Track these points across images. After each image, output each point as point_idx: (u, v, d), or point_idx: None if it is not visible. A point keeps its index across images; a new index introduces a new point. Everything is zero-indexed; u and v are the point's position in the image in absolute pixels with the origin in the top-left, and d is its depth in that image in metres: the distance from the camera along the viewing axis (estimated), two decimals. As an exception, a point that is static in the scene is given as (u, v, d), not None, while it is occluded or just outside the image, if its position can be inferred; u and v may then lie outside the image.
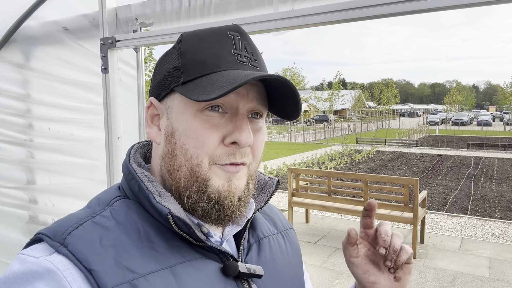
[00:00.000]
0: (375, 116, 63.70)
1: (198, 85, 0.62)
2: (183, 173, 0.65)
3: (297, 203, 6.52)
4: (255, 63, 0.67)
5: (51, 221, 2.23)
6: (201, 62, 0.64)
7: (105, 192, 0.72)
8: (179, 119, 0.66)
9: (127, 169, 0.69)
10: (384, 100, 57.26)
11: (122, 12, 1.71)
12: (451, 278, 4.94)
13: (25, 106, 2.20)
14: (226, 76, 0.61)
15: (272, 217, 0.89)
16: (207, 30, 0.68)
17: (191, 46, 0.66)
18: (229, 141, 0.63)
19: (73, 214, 0.65)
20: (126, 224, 0.63)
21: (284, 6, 1.33)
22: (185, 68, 0.65)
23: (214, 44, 0.65)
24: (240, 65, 0.65)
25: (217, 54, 0.64)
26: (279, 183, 0.81)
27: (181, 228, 0.63)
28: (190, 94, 0.61)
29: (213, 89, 0.60)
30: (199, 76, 0.64)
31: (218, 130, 0.64)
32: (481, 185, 11.09)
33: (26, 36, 2.09)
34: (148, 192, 0.64)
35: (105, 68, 1.68)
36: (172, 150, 0.67)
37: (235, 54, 0.65)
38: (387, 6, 1.11)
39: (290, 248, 0.86)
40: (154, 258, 0.61)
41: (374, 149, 20.47)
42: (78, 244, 0.59)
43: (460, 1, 1.03)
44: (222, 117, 0.64)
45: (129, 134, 1.83)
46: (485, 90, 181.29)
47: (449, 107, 66.59)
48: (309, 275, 4.90)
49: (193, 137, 0.64)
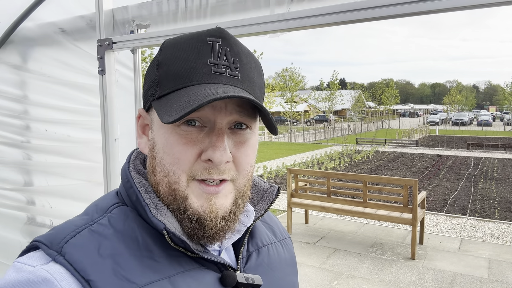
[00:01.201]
0: (375, 116, 63.70)
1: (168, 102, 0.61)
2: (163, 189, 0.64)
3: (296, 204, 6.52)
4: (234, 72, 0.63)
5: (49, 222, 2.23)
6: (175, 74, 0.62)
7: (103, 199, 0.71)
8: (158, 133, 0.65)
9: (125, 177, 0.68)
10: (385, 100, 57.27)
11: (119, 14, 1.70)
12: (450, 279, 4.93)
13: (22, 107, 2.20)
14: (192, 94, 0.59)
15: (271, 225, 0.88)
16: (187, 36, 0.65)
17: (168, 56, 0.64)
18: (204, 158, 0.61)
19: (70, 221, 0.64)
20: (124, 233, 0.62)
21: (280, 8, 1.33)
22: (161, 81, 0.64)
23: (190, 53, 0.62)
24: (214, 77, 0.61)
25: (191, 65, 0.62)
26: (279, 191, 0.79)
27: (177, 243, 0.62)
28: (159, 111, 0.60)
29: (176, 109, 0.58)
30: (172, 91, 0.62)
31: (194, 146, 0.61)
32: (481, 185, 11.09)
33: (24, 37, 2.09)
34: (144, 204, 0.63)
35: (102, 69, 1.68)
36: (153, 163, 0.66)
37: (211, 64, 0.62)
38: (384, 8, 1.10)
39: (288, 257, 0.85)
40: (152, 268, 0.60)
41: (374, 149, 20.46)
42: (75, 253, 0.58)
43: (460, 3, 1.03)
44: (200, 132, 0.62)
45: (126, 136, 1.82)
46: (485, 90, 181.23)
47: (449, 107, 66.62)
48: (308, 276, 4.88)
49: (170, 153, 0.62)
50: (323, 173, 6.36)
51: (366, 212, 5.90)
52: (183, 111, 0.56)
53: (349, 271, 5.17)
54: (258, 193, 0.79)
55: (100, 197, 0.72)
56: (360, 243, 6.21)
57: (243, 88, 0.64)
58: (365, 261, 5.51)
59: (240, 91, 0.61)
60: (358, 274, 5.09)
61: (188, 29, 1.42)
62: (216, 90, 0.59)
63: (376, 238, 6.44)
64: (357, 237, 6.50)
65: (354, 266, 5.34)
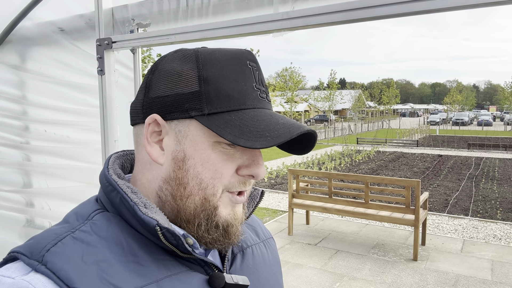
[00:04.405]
0: (375, 116, 63.67)
1: (229, 123, 0.61)
2: (194, 201, 0.65)
3: (297, 205, 6.49)
4: (268, 97, 0.68)
5: (48, 224, 2.20)
6: (227, 95, 0.63)
7: (82, 206, 0.68)
8: (195, 147, 0.64)
9: (106, 181, 0.66)
10: (385, 100, 57.24)
11: (118, 13, 1.67)
12: (453, 281, 4.89)
13: (21, 108, 2.17)
14: (259, 119, 0.62)
15: (253, 226, 0.88)
16: (225, 54, 0.65)
17: (215, 73, 0.63)
18: (245, 173, 0.65)
19: (50, 230, 0.62)
20: (108, 239, 0.60)
21: (284, 7, 1.29)
22: (209, 98, 0.62)
23: (238, 75, 0.64)
24: (261, 102, 0.66)
25: (242, 88, 0.63)
26: (263, 194, 0.81)
27: (169, 240, 0.61)
28: (222, 132, 0.61)
29: (252, 134, 0.60)
30: (226, 111, 0.63)
31: (233, 162, 0.65)
32: (482, 186, 11.05)
33: (22, 36, 2.06)
34: (132, 204, 0.61)
35: (101, 69, 1.64)
36: (183, 177, 0.65)
37: (256, 89, 0.65)
38: (390, 6, 1.07)
39: (272, 257, 0.86)
40: (139, 273, 0.59)
41: (374, 149, 20.43)
42: (58, 261, 0.55)
43: (464, 2, 1.00)
44: (235, 149, 0.65)
45: (126, 137, 1.79)
46: (485, 90, 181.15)
47: (449, 107, 66.59)
48: (310, 278, 4.85)
49: (211, 168, 0.64)
50: (324, 174, 6.32)
51: (368, 213, 5.87)
52: (271, 140, 0.59)
53: (351, 273, 5.14)
54: None
55: (79, 204, 0.70)
56: (362, 244, 6.18)
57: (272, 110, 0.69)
58: (367, 262, 5.48)
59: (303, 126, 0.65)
60: (360, 275, 5.06)
61: (190, 28, 1.39)
62: (283, 120, 0.64)
63: (378, 239, 6.40)
64: (358, 238, 6.46)
65: (356, 267, 5.31)
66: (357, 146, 22.78)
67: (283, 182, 11.47)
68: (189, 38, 1.39)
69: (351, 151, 19.98)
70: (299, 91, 44.52)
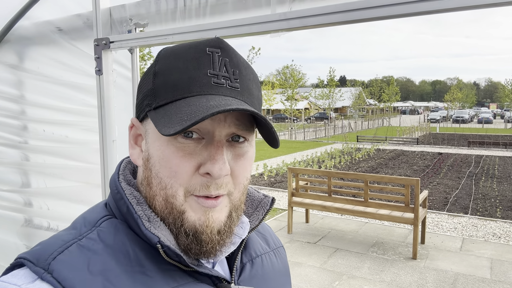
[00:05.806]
0: (375, 113, 63.62)
1: (167, 113, 0.58)
2: (159, 202, 0.62)
3: (297, 203, 6.49)
4: (234, 84, 0.61)
5: (46, 224, 2.20)
6: (174, 85, 0.60)
7: (91, 211, 0.68)
8: (153, 145, 0.62)
9: (115, 188, 0.65)
10: (385, 98, 57.20)
11: (116, 12, 1.67)
12: (452, 280, 4.90)
13: (19, 107, 2.16)
14: (192, 105, 0.57)
15: (264, 234, 0.86)
16: (185, 46, 0.63)
17: (166, 65, 0.62)
18: (202, 171, 0.59)
19: (57, 236, 0.61)
20: (114, 247, 0.59)
21: (281, 7, 1.29)
22: (158, 91, 0.61)
23: (189, 63, 0.60)
24: (215, 88, 0.60)
25: (190, 76, 0.59)
26: (274, 202, 0.77)
27: (171, 257, 0.60)
28: (157, 122, 0.58)
29: (176, 120, 0.56)
30: (170, 102, 0.60)
31: (192, 159, 0.59)
32: (482, 184, 11.05)
33: (20, 36, 2.05)
34: (136, 217, 0.61)
35: (99, 69, 1.64)
36: (148, 176, 0.64)
37: (211, 75, 0.60)
38: (388, 7, 1.07)
39: (282, 267, 0.84)
40: (145, 284, 0.58)
41: (374, 147, 20.42)
42: (64, 270, 0.55)
43: (463, 3, 0.99)
44: (198, 144, 0.60)
45: (124, 137, 1.78)
46: (486, 87, 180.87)
47: (449, 104, 66.56)
48: (309, 276, 4.85)
49: (166, 166, 0.60)
50: (324, 172, 6.32)
51: (367, 212, 5.87)
52: (184, 123, 0.54)
53: (350, 271, 5.14)
54: (252, 204, 0.78)
55: (88, 209, 0.69)
56: (361, 243, 6.18)
57: (243, 100, 0.62)
58: (366, 261, 5.48)
59: (242, 103, 0.59)
60: (359, 274, 5.06)
61: (187, 28, 1.38)
62: (218, 102, 0.57)
63: (378, 238, 6.41)
64: (358, 237, 6.47)
65: (355, 266, 5.32)
66: (357, 144, 22.77)
67: (282, 180, 11.47)
68: (187, 38, 1.39)
69: (351, 149, 19.98)
70: (299, 88, 44.41)
